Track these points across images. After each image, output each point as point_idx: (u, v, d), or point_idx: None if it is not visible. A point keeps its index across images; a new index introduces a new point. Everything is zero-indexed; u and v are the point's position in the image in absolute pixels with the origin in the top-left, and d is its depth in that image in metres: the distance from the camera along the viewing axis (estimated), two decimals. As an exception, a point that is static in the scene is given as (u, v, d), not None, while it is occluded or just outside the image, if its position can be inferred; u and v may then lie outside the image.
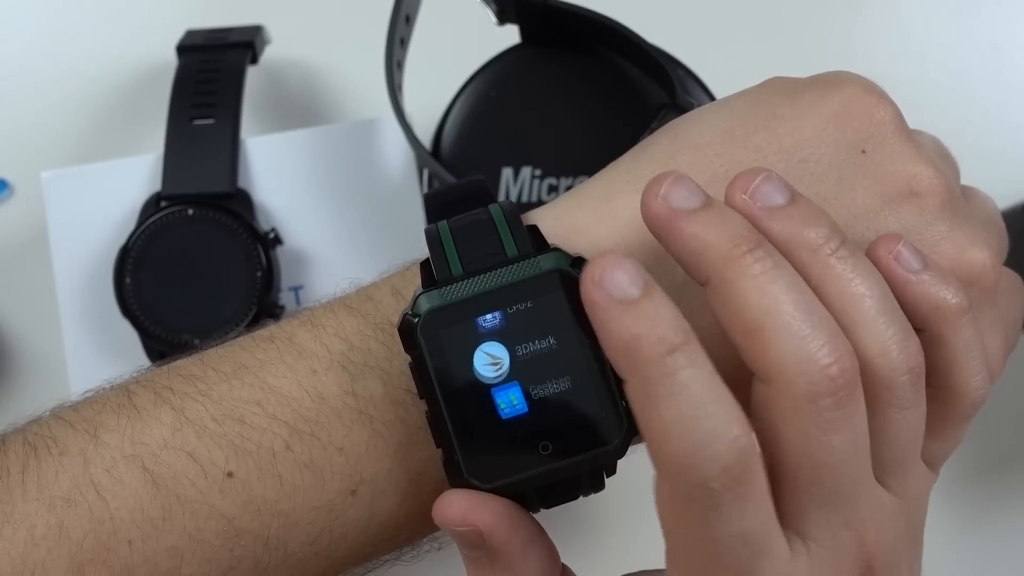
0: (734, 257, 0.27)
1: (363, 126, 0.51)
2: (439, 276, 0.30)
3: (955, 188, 0.33)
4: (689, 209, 0.28)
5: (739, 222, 0.28)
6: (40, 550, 0.29)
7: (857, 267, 0.28)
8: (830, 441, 0.27)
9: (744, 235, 0.27)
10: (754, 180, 0.29)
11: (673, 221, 0.28)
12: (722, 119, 0.33)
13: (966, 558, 0.53)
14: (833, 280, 0.28)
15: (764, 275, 0.27)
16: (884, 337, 0.28)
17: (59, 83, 0.57)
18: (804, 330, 0.26)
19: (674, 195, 0.28)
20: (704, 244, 0.27)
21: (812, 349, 0.26)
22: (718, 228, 0.28)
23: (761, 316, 0.27)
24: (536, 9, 0.45)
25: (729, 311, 0.27)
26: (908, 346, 0.28)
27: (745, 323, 0.27)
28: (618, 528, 0.26)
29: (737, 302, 0.27)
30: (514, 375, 0.29)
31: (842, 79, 0.33)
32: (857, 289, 0.28)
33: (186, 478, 0.30)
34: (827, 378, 0.26)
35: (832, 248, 0.28)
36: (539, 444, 0.29)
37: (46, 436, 0.31)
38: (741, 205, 0.29)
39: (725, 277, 0.27)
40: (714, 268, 0.27)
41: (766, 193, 0.29)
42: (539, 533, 0.30)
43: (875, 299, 0.28)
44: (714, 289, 0.27)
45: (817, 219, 0.28)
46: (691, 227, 0.28)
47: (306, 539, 0.31)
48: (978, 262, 0.31)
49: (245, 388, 0.31)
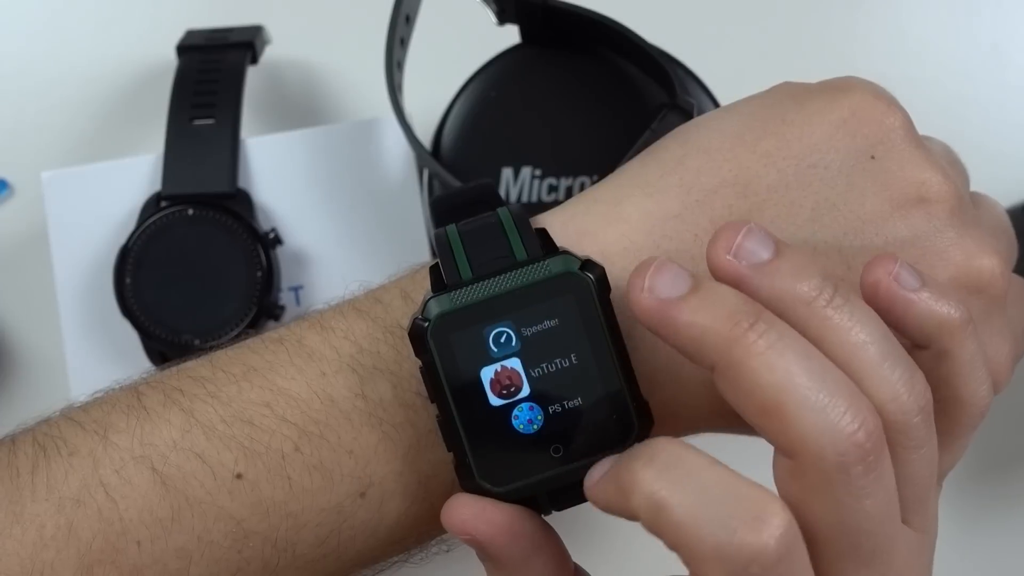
0: (736, 337, 0.26)
1: (363, 126, 0.51)
2: (449, 280, 0.30)
3: (964, 195, 0.33)
4: (678, 296, 0.27)
5: (733, 298, 0.27)
6: (49, 550, 0.29)
7: (854, 314, 0.27)
8: (864, 507, 0.26)
9: (742, 310, 0.27)
10: (735, 237, 0.28)
11: (665, 312, 0.27)
12: (731, 124, 0.33)
13: (966, 558, 0.53)
14: (833, 332, 0.27)
15: (771, 350, 0.26)
16: (892, 381, 0.27)
17: (59, 83, 0.57)
18: (823, 400, 0.26)
19: (660, 284, 0.27)
20: (702, 330, 0.27)
21: (835, 418, 0.26)
22: (713, 309, 0.27)
23: (777, 395, 0.26)
24: (536, 9, 0.45)
25: (742, 394, 0.26)
26: (916, 385, 0.27)
27: (761, 404, 0.26)
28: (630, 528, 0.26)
29: (748, 384, 0.26)
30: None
31: (852, 85, 0.33)
32: (858, 337, 0.27)
33: (195, 479, 0.30)
34: (855, 445, 0.26)
35: (827, 298, 0.27)
36: (551, 447, 0.29)
37: (56, 436, 0.31)
38: (727, 267, 0.28)
39: (731, 360, 0.26)
40: (718, 352, 0.26)
41: (751, 250, 0.28)
42: (546, 538, 0.30)
43: (877, 344, 0.27)
44: (722, 373, 0.27)
45: (806, 270, 0.28)
46: (684, 315, 0.27)
47: (315, 541, 0.31)
48: (987, 269, 0.31)
49: (254, 390, 0.31)
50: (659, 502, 0.25)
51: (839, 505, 0.26)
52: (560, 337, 0.29)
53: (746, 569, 0.25)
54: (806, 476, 0.26)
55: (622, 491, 0.26)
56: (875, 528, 0.26)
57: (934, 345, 0.29)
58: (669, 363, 0.31)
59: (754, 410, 0.26)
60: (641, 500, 0.26)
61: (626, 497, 0.26)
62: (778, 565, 0.25)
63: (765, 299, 0.27)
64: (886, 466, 0.26)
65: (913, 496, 0.28)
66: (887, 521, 0.27)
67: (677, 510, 0.25)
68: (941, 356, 0.29)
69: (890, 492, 0.27)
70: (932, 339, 0.29)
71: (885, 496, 0.26)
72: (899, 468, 0.27)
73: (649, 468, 0.26)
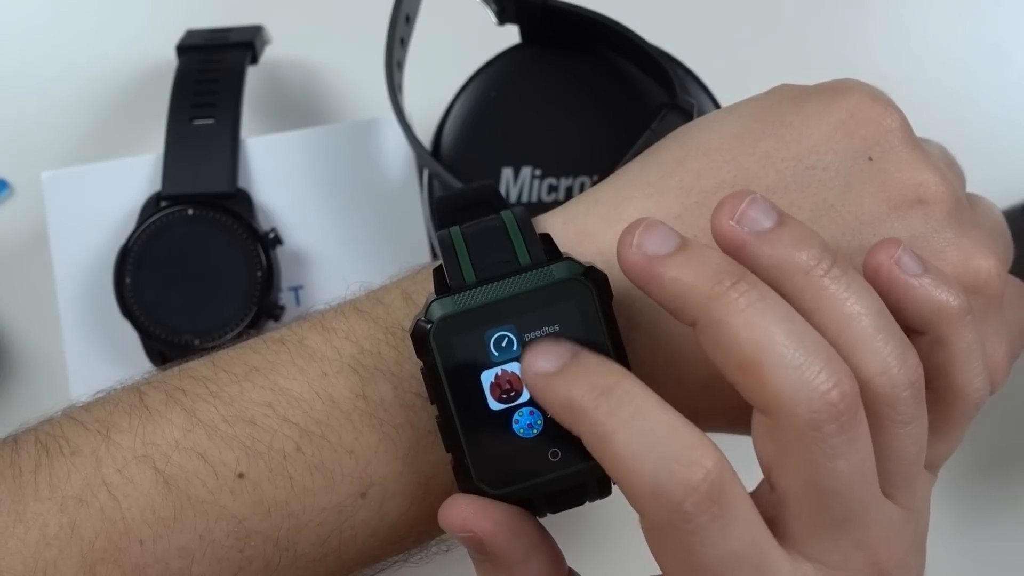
0: (717, 294, 0.27)
1: (363, 126, 0.51)
2: (452, 283, 0.30)
3: (961, 196, 0.33)
4: (665, 253, 0.28)
5: (718, 258, 0.28)
6: (52, 549, 0.30)
7: (851, 286, 0.28)
8: (836, 467, 0.26)
9: (725, 270, 0.27)
10: (740, 204, 0.28)
11: (651, 268, 0.28)
12: (730, 125, 0.33)
13: (966, 558, 0.53)
14: (828, 301, 0.28)
15: (751, 308, 0.27)
16: (883, 354, 0.27)
17: (59, 83, 0.57)
18: (799, 358, 0.26)
19: (648, 242, 0.28)
20: (685, 286, 0.27)
21: (810, 376, 0.26)
22: (697, 268, 0.27)
23: (754, 350, 0.26)
24: (536, 9, 0.45)
25: (721, 350, 0.27)
26: (907, 360, 0.28)
27: (739, 360, 0.27)
28: (623, 531, 0.26)
29: (728, 340, 0.27)
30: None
31: (849, 87, 0.33)
32: (853, 308, 0.28)
33: (197, 479, 0.30)
34: (828, 404, 0.26)
35: (824, 268, 0.28)
36: (549, 451, 0.29)
37: (58, 436, 0.31)
38: (728, 231, 0.28)
39: (712, 316, 0.27)
40: (699, 309, 0.27)
41: (753, 217, 0.28)
42: (542, 539, 0.30)
43: (871, 316, 0.28)
44: (703, 329, 0.27)
45: (807, 240, 0.28)
46: (670, 271, 0.28)
47: (316, 540, 0.31)
48: (983, 270, 0.32)
49: (256, 390, 0.31)
50: (605, 434, 0.26)
51: (810, 463, 0.26)
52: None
53: (680, 505, 0.26)
54: (780, 433, 0.27)
55: (570, 410, 0.27)
56: (846, 491, 0.27)
57: (931, 331, 0.29)
58: (669, 365, 0.31)
59: (733, 366, 0.27)
60: (588, 428, 0.27)
61: (574, 419, 0.27)
62: (712, 505, 0.26)
63: (764, 266, 0.28)
64: (861, 431, 0.27)
65: (898, 471, 0.28)
66: (860, 486, 0.27)
67: (621, 447, 0.26)
68: (938, 343, 0.29)
69: (864, 457, 0.27)
70: (929, 325, 0.29)
71: (858, 459, 0.27)
72: (886, 441, 0.28)
73: (602, 401, 0.27)
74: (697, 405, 0.31)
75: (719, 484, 0.26)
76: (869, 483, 0.27)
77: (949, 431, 0.30)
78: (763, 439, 0.27)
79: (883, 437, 0.28)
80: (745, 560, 0.26)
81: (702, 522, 0.26)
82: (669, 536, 0.26)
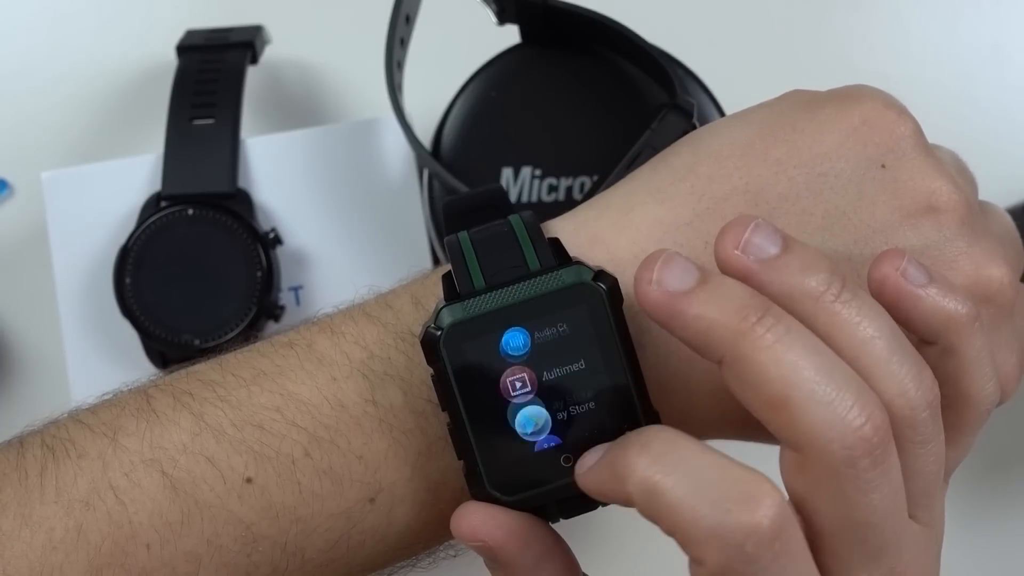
0: (743, 331, 0.26)
1: (363, 126, 0.51)
2: (461, 289, 0.30)
3: (974, 204, 0.33)
4: (686, 289, 0.27)
5: (741, 291, 0.27)
6: (58, 553, 0.29)
7: (862, 309, 0.27)
8: (871, 501, 0.26)
9: (750, 304, 0.27)
10: (744, 231, 0.28)
11: (673, 306, 0.27)
12: (742, 131, 0.33)
13: (967, 558, 0.53)
14: (841, 327, 0.27)
15: (779, 344, 0.26)
16: (900, 376, 0.27)
17: (59, 83, 0.57)
18: (830, 394, 0.26)
19: (668, 277, 0.27)
20: (710, 323, 0.27)
21: (842, 412, 0.26)
22: (721, 303, 0.27)
23: (784, 388, 0.26)
24: (536, 9, 0.45)
25: (750, 388, 0.26)
26: (923, 380, 0.27)
27: (768, 398, 0.26)
28: (637, 537, 0.26)
29: (756, 377, 0.26)
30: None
31: (862, 93, 0.33)
32: (866, 332, 0.27)
33: (205, 483, 0.30)
34: (862, 440, 0.26)
35: (835, 293, 0.27)
36: (561, 456, 0.29)
37: (64, 439, 0.31)
38: (735, 262, 0.28)
39: (739, 353, 0.26)
40: (726, 345, 0.26)
41: (758, 245, 0.28)
42: (555, 546, 0.30)
43: (885, 339, 0.27)
44: (729, 367, 0.27)
45: (815, 265, 0.28)
46: (693, 308, 0.27)
47: (324, 546, 0.31)
48: (995, 278, 0.31)
49: (264, 394, 0.31)
50: (654, 487, 0.26)
51: (845, 499, 0.26)
52: (572, 347, 0.29)
53: (742, 547, 0.25)
54: (813, 470, 0.26)
55: (617, 477, 0.27)
56: (881, 522, 0.26)
57: (941, 341, 0.29)
58: (679, 373, 0.31)
59: (761, 404, 0.26)
60: (636, 486, 0.26)
61: (621, 483, 0.27)
62: (773, 543, 0.25)
63: (773, 294, 0.27)
64: (893, 461, 0.26)
65: (920, 491, 0.28)
66: (893, 516, 0.27)
67: (671, 493, 0.26)
68: (947, 352, 0.29)
69: (896, 487, 0.27)
70: (939, 335, 0.29)
71: (891, 490, 0.26)
72: (906, 463, 0.27)
73: (644, 455, 0.26)
74: (708, 413, 0.31)
75: (780, 521, 0.25)
76: (901, 511, 0.27)
77: (960, 438, 0.30)
78: (793, 474, 0.27)
79: (905, 459, 0.27)
80: None
81: (764, 563, 0.25)
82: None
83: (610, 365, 0.29)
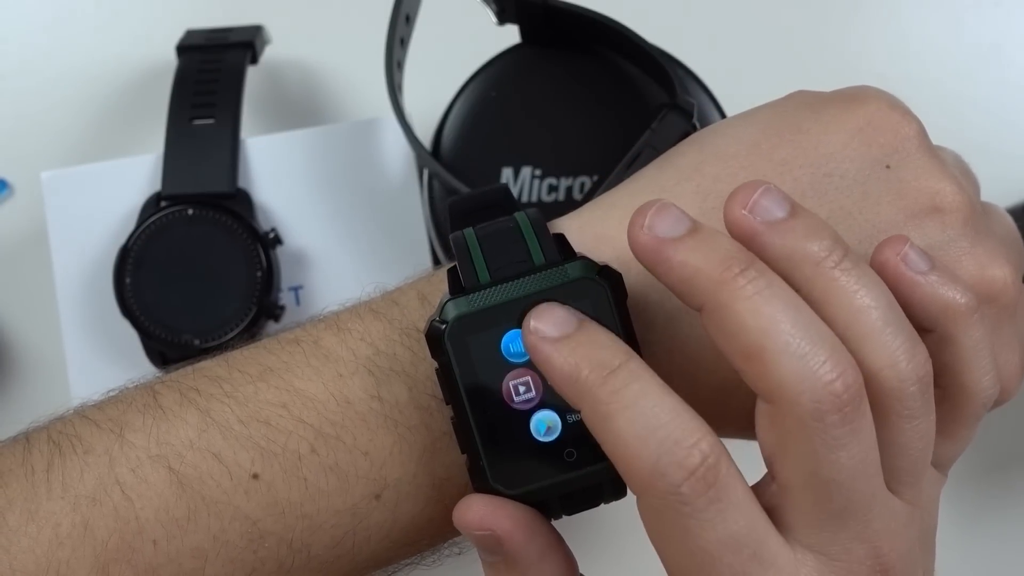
0: (725, 280, 0.27)
1: (363, 126, 0.51)
2: (466, 283, 0.30)
3: (977, 205, 0.33)
4: (676, 236, 0.28)
5: (728, 244, 0.28)
6: (65, 549, 0.30)
7: (861, 278, 0.28)
8: (838, 458, 0.26)
9: (734, 256, 0.27)
10: (753, 194, 0.28)
11: (661, 250, 0.28)
12: (747, 131, 0.33)
13: (966, 558, 0.53)
14: (837, 293, 0.27)
15: (758, 295, 0.27)
16: (892, 348, 0.27)
17: (59, 83, 0.57)
18: (804, 347, 0.26)
19: (659, 224, 0.28)
20: (694, 270, 0.27)
21: (814, 366, 0.26)
22: (707, 252, 0.27)
23: (759, 338, 0.26)
24: (536, 9, 0.45)
25: (726, 335, 0.27)
26: (916, 355, 0.28)
27: (743, 346, 0.27)
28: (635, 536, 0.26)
29: (733, 325, 0.27)
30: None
31: (867, 94, 0.33)
32: (862, 301, 0.27)
33: (211, 479, 0.30)
34: (831, 395, 0.26)
35: (835, 260, 0.28)
36: (564, 451, 0.29)
37: (71, 435, 0.31)
38: (741, 220, 0.28)
39: (719, 301, 0.27)
40: (707, 293, 0.27)
41: (766, 207, 0.28)
42: (557, 541, 0.30)
43: (881, 309, 0.27)
44: (709, 314, 0.27)
45: (819, 231, 0.28)
46: (679, 254, 0.27)
47: (329, 542, 0.31)
48: (998, 279, 0.32)
49: (271, 390, 0.31)
50: (607, 414, 0.27)
51: (812, 453, 0.26)
52: None
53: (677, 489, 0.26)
54: (782, 422, 0.26)
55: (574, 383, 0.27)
56: (848, 482, 0.27)
57: (938, 329, 0.29)
58: (683, 368, 0.31)
59: (737, 352, 0.27)
60: (590, 405, 0.27)
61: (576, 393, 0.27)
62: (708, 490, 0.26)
63: (775, 256, 0.28)
64: (864, 423, 0.27)
65: (904, 467, 0.28)
66: (861, 478, 0.27)
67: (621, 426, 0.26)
68: (945, 341, 0.29)
69: (867, 449, 0.27)
70: (936, 322, 0.29)
71: (860, 451, 0.27)
72: (892, 436, 0.28)
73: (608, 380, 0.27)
74: (710, 409, 0.31)
75: (716, 468, 0.26)
76: (872, 476, 0.27)
77: (957, 430, 0.30)
78: (766, 428, 0.27)
79: (889, 431, 0.28)
80: (743, 544, 0.26)
81: (699, 505, 0.26)
82: (666, 519, 0.26)
83: None
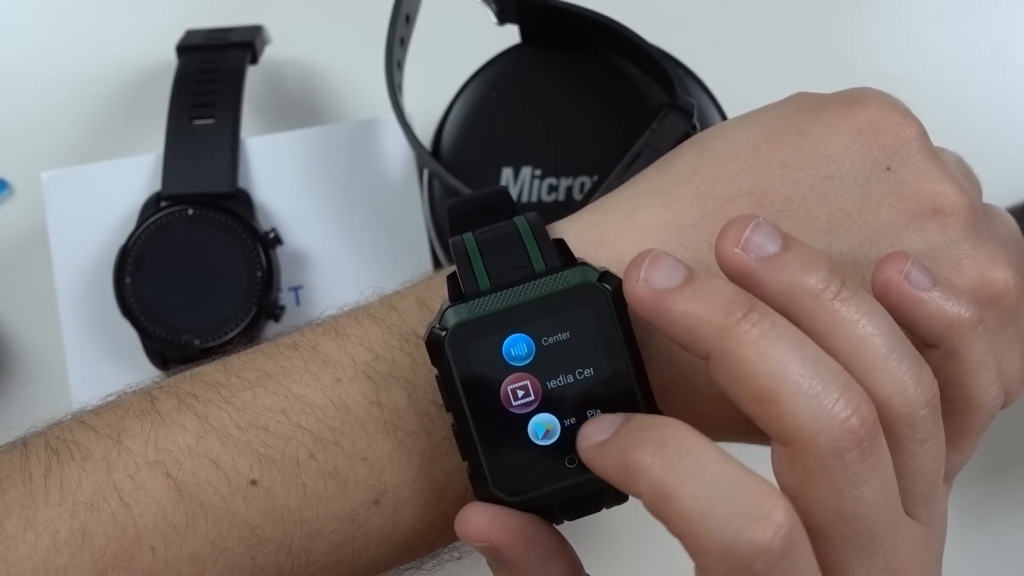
0: (729, 326, 0.26)
1: (363, 126, 0.51)
2: (466, 289, 0.30)
3: (978, 207, 0.33)
4: (673, 287, 0.27)
5: (727, 288, 0.27)
6: (63, 556, 0.29)
7: (861, 307, 0.27)
8: (861, 493, 0.26)
9: (735, 300, 0.27)
10: (744, 230, 0.28)
11: (660, 302, 0.27)
12: (747, 134, 0.33)
13: (967, 558, 0.53)
14: (840, 324, 0.27)
15: (764, 339, 0.26)
16: (898, 374, 0.27)
17: (59, 83, 0.57)
18: (816, 387, 0.26)
19: (655, 275, 0.28)
20: (696, 319, 0.27)
21: (828, 405, 0.26)
22: (707, 299, 0.27)
23: (770, 381, 0.26)
24: (536, 9, 0.45)
25: (736, 382, 0.27)
26: (923, 378, 0.27)
27: (754, 391, 0.26)
28: (641, 538, 0.26)
29: (742, 371, 0.26)
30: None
31: (868, 96, 0.33)
32: (865, 330, 0.27)
33: (209, 485, 0.30)
34: (849, 432, 0.26)
35: (834, 291, 0.27)
36: (565, 457, 0.29)
37: (68, 441, 0.31)
38: (734, 258, 0.28)
39: (725, 348, 0.26)
40: (712, 341, 0.27)
41: (758, 243, 0.28)
42: (560, 546, 0.30)
43: (884, 336, 0.27)
44: (716, 362, 0.27)
45: (814, 262, 0.28)
46: (679, 304, 0.27)
47: (328, 548, 0.31)
48: (1000, 281, 0.31)
49: (269, 396, 0.31)
50: (667, 493, 0.26)
51: (836, 492, 0.26)
52: (577, 348, 0.29)
53: (750, 567, 0.25)
54: (802, 463, 0.26)
55: (627, 471, 0.26)
56: (873, 515, 0.26)
57: (944, 344, 0.29)
58: (684, 375, 0.31)
59: (748, 398, 0.26)
60: (647, 486, 0.26)
61: (632, 479, 0.26)
62: (781, 562, 0.25)
63: (773, 292, 0.28)
64: (883, 454, 0.27)
65: (919, 490, 0.28)
66: (885, 508, 0.27)
67: (684, 502, 0.25)
68: (950, 355, 0.29)
69: (887, 480, 0.27)
70: (942, 338, 0.29)
71: (882, 483, 0.26)
72: (905, 461, 0.27)
73: (659, 456, 0.26)
74: (713, 415, 0.31)
75: (790, 540, 0.25)
76: (894, 505, 0.27)
77: (963, 442, 0.30)
78: (784, 470, 0.27)
79: (903, 457, 0.27)
80: None
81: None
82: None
83: (615, 366, 0.29)
